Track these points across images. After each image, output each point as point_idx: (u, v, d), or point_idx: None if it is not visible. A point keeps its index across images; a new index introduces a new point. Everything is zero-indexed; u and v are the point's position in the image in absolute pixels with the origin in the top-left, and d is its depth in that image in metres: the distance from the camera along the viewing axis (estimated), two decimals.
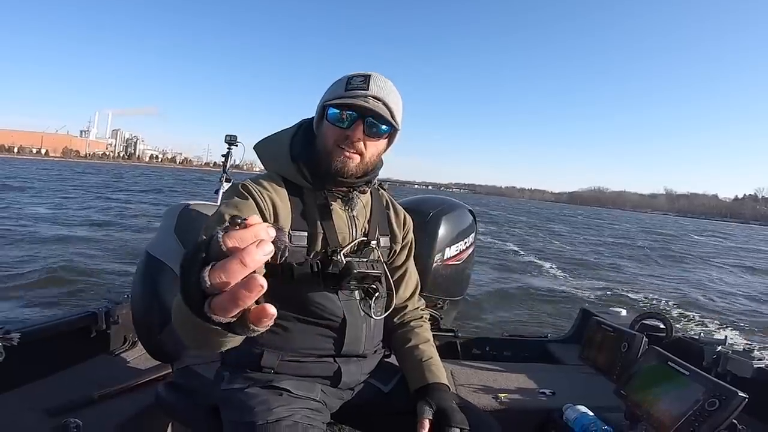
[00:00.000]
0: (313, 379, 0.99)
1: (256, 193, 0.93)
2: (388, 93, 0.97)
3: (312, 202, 0.99)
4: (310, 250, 0.97)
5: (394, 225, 1.15)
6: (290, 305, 0.97)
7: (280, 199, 0.95)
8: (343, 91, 0.95)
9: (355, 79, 0.95)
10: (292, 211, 0.97)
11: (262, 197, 0.93)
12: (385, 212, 1.15)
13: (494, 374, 1.80)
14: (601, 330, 1.88)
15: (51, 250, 7.65)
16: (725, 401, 1.03)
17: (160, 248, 1.32)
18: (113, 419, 1.28)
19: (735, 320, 6.70)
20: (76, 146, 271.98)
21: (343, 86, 0.95)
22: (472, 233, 2.23)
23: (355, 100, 0.93)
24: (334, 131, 0.96)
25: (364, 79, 0.95)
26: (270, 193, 0.95)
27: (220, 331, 0.42)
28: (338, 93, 0.95)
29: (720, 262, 15.59)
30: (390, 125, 0.98)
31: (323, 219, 0.99)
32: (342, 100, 0.94)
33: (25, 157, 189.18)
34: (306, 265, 0.95)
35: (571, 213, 63.20)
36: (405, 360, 1.12)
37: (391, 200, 1.19)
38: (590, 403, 1.38)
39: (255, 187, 0.94)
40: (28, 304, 4.73)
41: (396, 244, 1.15)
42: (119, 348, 1.77)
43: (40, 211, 12.99)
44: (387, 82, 0.98)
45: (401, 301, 1.19)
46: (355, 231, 1.04)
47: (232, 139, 3.14)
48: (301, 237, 0.96)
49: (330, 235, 0.98)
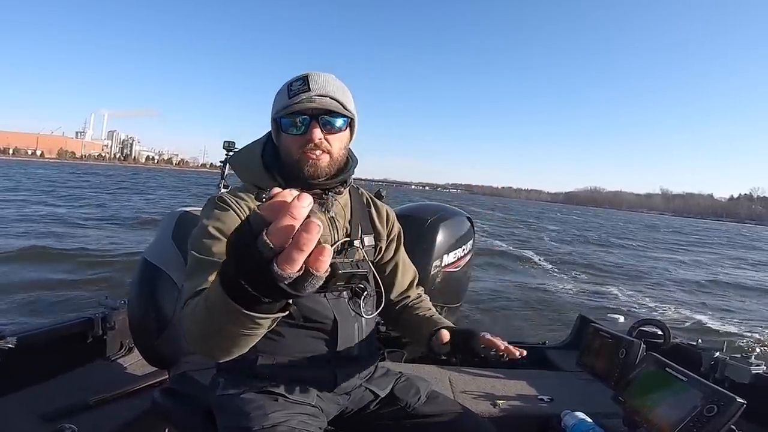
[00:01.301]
0: (308, 385, 0.98)
1: (233, 204, 0.94)
2: (330, 86, 0.97)
3: None
4: None
5: (376, 222, 1.15)
6: None
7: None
8: (288, 99, 0.95)
9: (294, 84, 0.95)
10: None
11: (240, 207, 0.94)
12: (366, 210, 1.15)
13: (492, 381, 1.79)
14: (599, 336, 1.88)
15: (48, 253, 7.62)
16: (723, 407, 1.03)
17: (158, 254, 1.32)
18: (109, 425, 1.28)
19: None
20: (72, 148, 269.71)
21: (285, 95, 0.96)
22: (470, 240, 2.24)
23: (301, 104, 0.93)
24: (293, 140, 0.96)
25: (302, 81, 0.95)
26: (247, 203, 0.95)
27: (262, 316, 0.51)
28: (283, 102, 0.95)
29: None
30: (344, 116, 0.98)
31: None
32: (289, 108, 0.94)
33: (20, 158, 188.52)
34: None
35: (574, 214, 63.32)
36: (414, 326, 1.14)
37: (370, 197, 1.19)
38: (588, 410, 1.38)
39: (232, 199, 0.95)
40: (24, 309, 4.70)
41: (381, 241, 1.15)
42: (115, 354, 1.76)
43: (40, 212, 12.97)
44: (327, 76, 0.98)
45: (401, 290, 1.19)
46: (337, 233, 1.04)
47: (231, 145, 3.14)
48: None
49: None
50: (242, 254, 0.43)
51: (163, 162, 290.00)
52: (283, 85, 0.98)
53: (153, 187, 34.52)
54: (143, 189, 31.36)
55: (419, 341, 1.11)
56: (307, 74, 0.96)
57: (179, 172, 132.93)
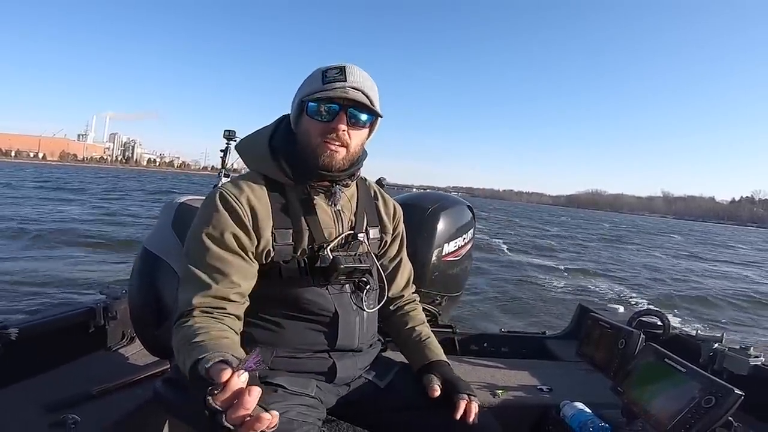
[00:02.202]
0: (308, 375, 0.98)
1: (233, 201, 0.93)
2: (364, 81, 0.96)
3: (294, 198, 0.99)
4: (297, 247, 0.97)
5: (383, 215, 1.15)
6: (281, 303, 0.98)
7: (258, 201, 0.95)
8: (321, 85, 0.94)
9: (330, 72, 0.94)
10: (272, 210, 0.96)
11: (240, 203, 0.93)
12: (374, 203, 1.14)
13: (492, 370, 1.80)
14: (598, 327, 1.88)
15: (49, 246, 7.64)
16: (721, 398, 1.04)
17: (158, 243, 1.32)
18: (111, 415, 1.28)
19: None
20: (74, 150, 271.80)
21: (319, 79, 0.94)
22: (470, 229, 2.23)
23: (335, 92, 0.92)
24: (316, 126, 0.95)
25: (339, 70, 0.94)
26: (248, 195, 0.95)
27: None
28: (315, 87, 0.94)
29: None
30: (372, 113, 0.98)
31: (307, 215, 0.99)
32: (321, 93, 0.93)
33: (22, 161, 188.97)
34: (293, 263, 0.97)
35: (576, 216, 63.65)
36: (404, 342, 1.16)
37: (379, 190, 1.18)
38: (587, 400, 1.39)
39: (232, 195, 0.94)
40: (26, 299, 4.73)
41: (386, 234, 1.14)
42: (117, 344, 1.77)
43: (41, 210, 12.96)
44: (363, 71, 0.97)
45: (397, 291, 1.20)
46: (342, 225, 1.03)
47: (231, 134, 3.12)
48: (286, 234, 0.96)
49: (315, 230, 0.98)
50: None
51: (165, 164, 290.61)
52: (316, 71, 0.96)
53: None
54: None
55: (406, 357, 1.15)
56: (345, 65, 0.95)
57: (175, 174, 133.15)
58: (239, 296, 0.92)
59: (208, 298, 0.88)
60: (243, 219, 0.92)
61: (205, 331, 0.81)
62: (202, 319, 0.86)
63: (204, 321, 0.85)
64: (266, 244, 0.95)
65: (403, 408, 1.03)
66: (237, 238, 0.92)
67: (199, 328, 0.82)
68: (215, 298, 0.89)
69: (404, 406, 1.03)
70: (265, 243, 0.95)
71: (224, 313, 0.89)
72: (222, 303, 0.89)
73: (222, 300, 0.89)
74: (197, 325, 0.83)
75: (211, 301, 0.88)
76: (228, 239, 0.91)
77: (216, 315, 0.88)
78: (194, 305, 0.87)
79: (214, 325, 0.85)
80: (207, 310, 0.88)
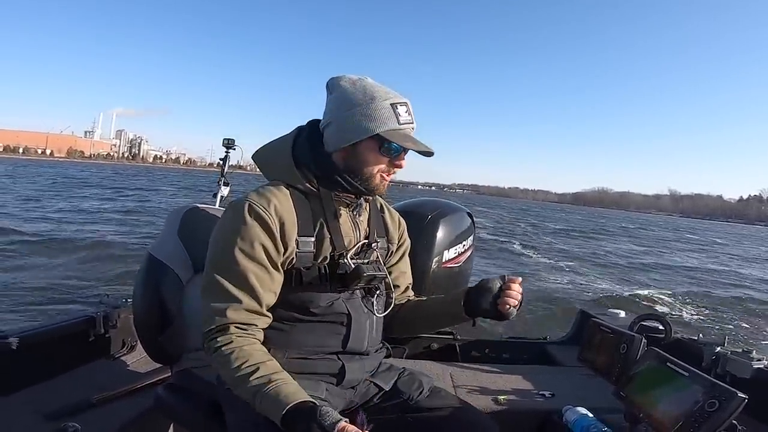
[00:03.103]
0: (318, 377, 0.99)
1: (262, 212, 0.94)
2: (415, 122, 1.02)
3: (318, 207, 1.01)
4: (318, 254, 0.99)
5: (389, 227, 1.18)
6: (297, 307, 0.99)
7: (285, 210, 0.97)
8: (398, 124, 0.97)
9: (400, 110, 0.98)
10: (297, 218, 0.98)
11: (270, 215, 0.94)
12: (380, 215, 1.18)
13: (493, 376, 1.80)
14: (599, 331, 1.88)
15: (51, 251, 7.63)
16: (725, 402, 1.03)
17: (163, 250, 1.32)
18: (112, 423, 1.28)
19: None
20: (81, 147, 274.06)
21: (393, 116, 0.97)
22: (470, 236, 2.24)
23: (412, 138, 0.99)
24: (383, 160, 1.00)
25: (407, 109, 0.99)
26: (276, 205, 0.96)
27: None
28: (392, 124, 0.97)
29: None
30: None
31: (330, 223, 1.01)
32: (402, 137, 0.97)
33: (30, 157, 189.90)
34: (314, 269, 0.99)
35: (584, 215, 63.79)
36: (426, 313, 1.18)
37: (383, 203, 1.22)
38: (589, 405, 1.38)
39: (260, 206, 0.94)
40: (26, 308, 4.72)
41: (392, 244, 1.18)
42: (118, 352, 1.77)
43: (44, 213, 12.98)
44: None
45: (401, 297, 1.22)
46: (359, 233, 1.07)
47: (230, 142, 3.15)
48: (308, 242, 0.99)
49: (337, 239, 1.01)
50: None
51: (171, 161, 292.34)
52: (380, 99, 0.97)
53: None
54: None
55: (440, 321, 1.18)
56: (407, 101, 1.00)
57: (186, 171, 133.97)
58: (267, 308, 0.95)
59: (242, 313, 0.91)
60: (273, 229, 0.94)
61: (262, 362, 0.87)
62: (243, 339, 0.90)
63: (247, 343, 0.90)
64: (291, 252, 0.97)
65: (406, 411, 1.04)
66: (266, 250, 0.93)
67: (250, 355, 0.88)
68: (248, 312, 0.91)
69: (407, 409, 1.04)
70: (290, 251, 0.97)
71: (256, 329, 0.93)
72: (254, 318, 0.92)
73: (253, 314, 0.92)
74: (246, 349, 0.89)
75: (244, 316, 0.91)
76: (258, 251, 0.92)
77: (251, 331, 0.92)
78: (229, 320, 0.90)
79: (258, 347, 0.91)
80: (242, 326, 0.91)
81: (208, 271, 0.95)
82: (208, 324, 0.91)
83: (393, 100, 0.98)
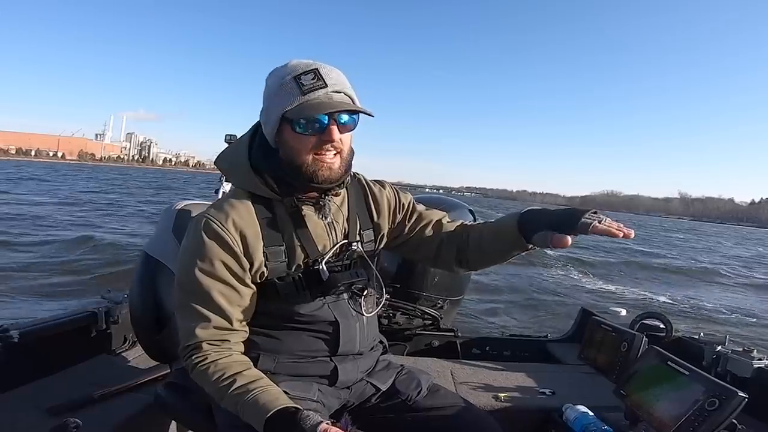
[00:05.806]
0: (310, 379, 0.98)
1: (219, 229, 0.88)
2: (343, 81, 0.90)
3: (283, 213, 0.95)
4: (291, 263, 0.94)
5: (374, 214, 1.08)
6: (281, 317, 0.97)
7: (246, 223, 0.91)
8: (301, 95, 0.85)
9: (305, 78, 0.86)
10: (261, 229, 0.92)
11: (227, 231, 0.89)
12: (364, 204, 1.08)
13: (494, 374, 1.80)
14: (601, 330, 1.88)
15: (54, 248, 7.65)
16: (725, 401, 1.03)
17: (158, 248, 1.32)
18: (113, 419, 1.28)
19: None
20: (92, 149, 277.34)
21: (295, 89, 0.86)
22: None
23: (318, 101, 0.86)
24: (306, 141, 0.88)
25: (313, 75, 0.86)
26: (234, 219, 0.90)
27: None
28: (295, 99, 0.85)
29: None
30: (358, 112, 0.91)
31: (298, 229, 0.95)
32: (305, 105, 0.85)
33: (42, 159, 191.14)
34: (288, 279, 0.94)
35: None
36: (489, 242, 1.03)
37: (366, 183, 1.11)
38: (590, 403, 1.38)
39: (217, 222, 0.89)
40: (28, 302, 4.73)
41: (382, 229, 1.09)
42: (119, 348, 1.77)
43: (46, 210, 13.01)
44: (334, 68, 0.90)
45: (450, 229, 1.10)
46: (335, 234, 0.99)
47: (232, 138, 3.14)
48: (278, 252, 0.93)
49: (308, 245, 0.95)
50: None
51: (180, 164, 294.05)
52: (285, 76, 0.87)
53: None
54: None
55: (501, 251, 1.02)
56: (316, 66, 0.88)
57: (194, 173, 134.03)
58: (240, 323, 0.92)
59: (211, 331, 0.88)
60: (232, 246, 0.88)
61: (238, 372, 0.86)
62: (217, 354, 0.88)
63: (222, 356, 0.88)
64: (259, 265, 0.92)
65: (405, 410, 1.03)
66: (228, 267, 0.89)
67: (226, 368, 0.87)
68: (218, 330, 0.89)
69: (406, 409, 1.03)
70: (258, 264, 0.92)
71: (231, 343, 0.90)
72: (225, 334, 0.90)
73: (224, 331, 0.89)
74: (221, 363, 0.87)
75: (215, 333, 0.89)
76: (220, 270, 0.88)
77: (225, 346, 0.89)
78: (199, 339, 0.88)
79: (235, 358, 0.90)
80: (214, 343, 0.89)
81: (176, 291, 0.92)
82: (183, 343, 0.90)
83: (296, 72, 0.86)
